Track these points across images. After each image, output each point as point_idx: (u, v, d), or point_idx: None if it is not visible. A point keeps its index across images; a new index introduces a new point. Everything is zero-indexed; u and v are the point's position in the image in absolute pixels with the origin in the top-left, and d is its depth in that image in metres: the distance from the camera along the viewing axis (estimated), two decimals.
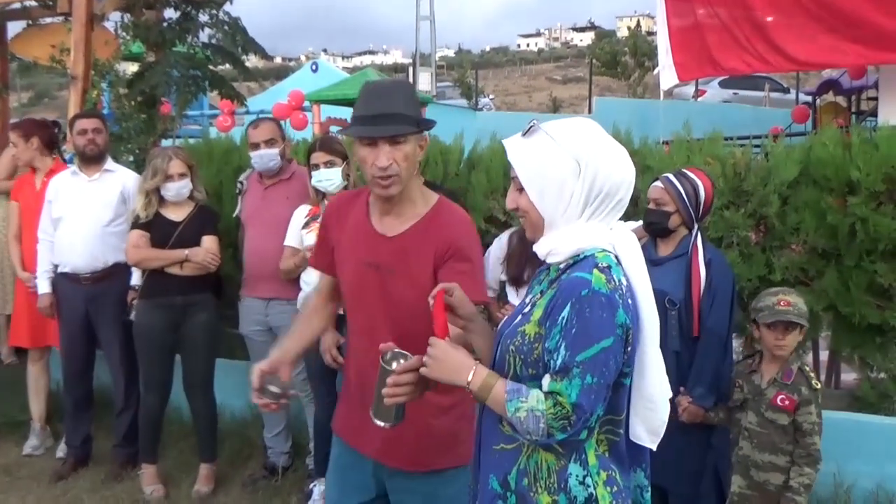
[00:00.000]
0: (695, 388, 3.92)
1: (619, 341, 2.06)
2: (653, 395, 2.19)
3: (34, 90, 61.31)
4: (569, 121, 2.24)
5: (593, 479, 2.14)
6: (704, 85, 22.31)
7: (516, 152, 2.22)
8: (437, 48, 21.22)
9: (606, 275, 2.09)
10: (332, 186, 4.75)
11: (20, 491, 5.36)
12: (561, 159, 2.15)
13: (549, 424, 2.05)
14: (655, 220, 4.09)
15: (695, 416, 3.93)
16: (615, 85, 46.65)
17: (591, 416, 2.05)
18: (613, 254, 2.18)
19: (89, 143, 5.45)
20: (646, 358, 2.18)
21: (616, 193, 2.17)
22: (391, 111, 2.70)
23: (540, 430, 2.06)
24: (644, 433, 2.22)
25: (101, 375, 5.84)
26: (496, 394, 2.13)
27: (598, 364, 2.03)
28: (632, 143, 5.68)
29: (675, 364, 3.93)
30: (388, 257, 2.82)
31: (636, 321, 2.14)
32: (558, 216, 2.18)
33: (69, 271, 5.44)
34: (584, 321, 2.04)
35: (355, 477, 3.00)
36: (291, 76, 28.57)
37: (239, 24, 7.62)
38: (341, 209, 3.00)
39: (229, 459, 5.59)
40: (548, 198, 2.17)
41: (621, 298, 2.08)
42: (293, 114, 16.07)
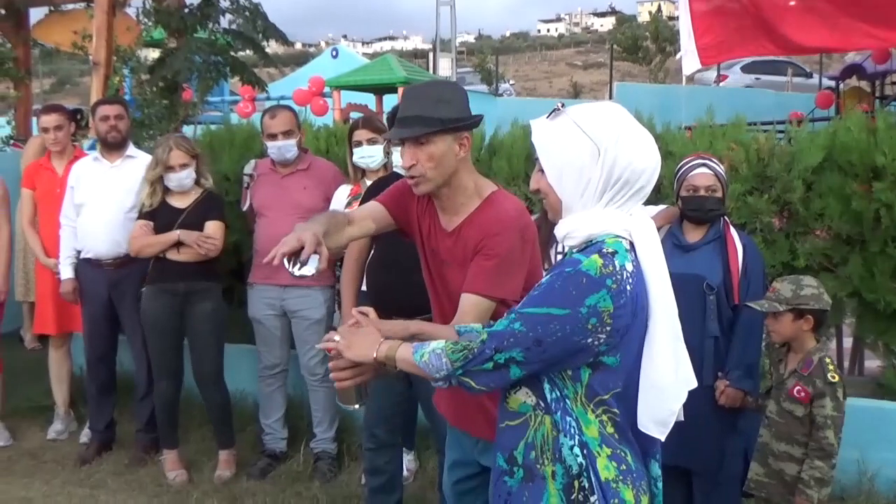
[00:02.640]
0: (733, 372, 3.91)
1: (576, 316, 2.06)
2: (661, 382, 2.18)
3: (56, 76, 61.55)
4: (595, 105, 2.24)
5: (592, 449, 2.14)
6: (726, 70, 22.14)
7: (540, 134, 2.23)
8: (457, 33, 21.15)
9: (605, 260, 2.09)
10: (374, 163, 4.81)
11: (45, 475, 5.40)
12: (581, 143, 2.15)
13: (449, 357, 2.16)
14: (714, 207, 4.01)
15: (733, 400, 3.91)
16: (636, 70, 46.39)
17: (498, 352, 2.11)
18: (628, 240, 2.18)
19: (111, 129, 5.47)
20: (655, 344, 2.17)
21: (637, 181, 2.17)
22: (413, 113, 2.77)
23: (443, 364, 2.17)
24: (651, 423, 2.21)
25: (123, 361, 5.88)
26: (402, 352, 2.28)
27: (535, 321, 2.08)
28: (654, 128, 5.64)
29: (715, 349, 3.93)
30: (445, 249, 2.90)
31: (639, 308, 2.13)
32: (576, 200, 2.19)
33: (92, 257, 5.47)
34: (549, 289, 2.11)
35: (460, 453, 3.11)
36: (311, 62, 28.61)
37: (259, 10, 7.64)
38: None
39: (250, 444, 5.61)
40: (566, 181, 2.18)
41: (615, 284, 2.07)
42: (313, 100, 16.09)
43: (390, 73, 16.12)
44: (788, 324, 3.68)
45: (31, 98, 9.40)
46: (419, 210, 3.02)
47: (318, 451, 5.37)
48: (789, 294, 3.65)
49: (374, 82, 16.30)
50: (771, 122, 6.78)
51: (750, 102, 13.39)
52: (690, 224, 4.10)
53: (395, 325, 2.52)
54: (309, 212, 5.01)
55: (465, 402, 2.96)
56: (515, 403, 2.25)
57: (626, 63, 45.51)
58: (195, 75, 7.49)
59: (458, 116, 2.78)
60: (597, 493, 2.13)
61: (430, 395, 3.96)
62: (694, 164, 4.08)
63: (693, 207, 4.06)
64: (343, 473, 5.29)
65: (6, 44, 8.89)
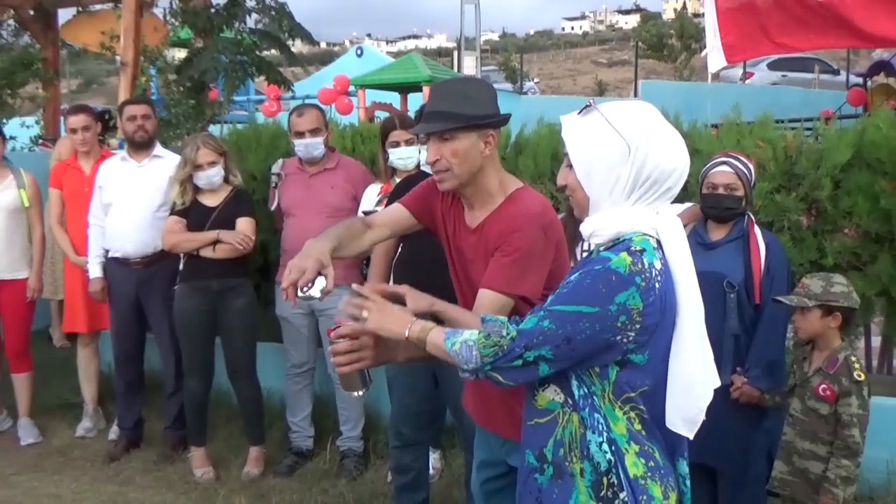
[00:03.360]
0: (752, 370, 3.89)
1: (605, 314, 2.06)
2: (690, 380, 2.17)
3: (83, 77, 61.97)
4: (626, 103, 2.24)
5: (621, 446, 2.14)
6: (752, 67, 21.99)
7: (570, 130, 2.22)
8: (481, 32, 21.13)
9: (634, 258, 2.09)
10: (412, 163, 4.81)
11: (74, 472, 5.45)
12: (612, 141, 2.14)
13: (480, 351, 2.15)
14: (732, 205, 3.98)
15: (749, 398, 3.89)
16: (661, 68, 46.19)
17: (528, 350, 2.10)
18: (655, 238, 2.18)
19: (138, 129, 5.51)
20: (683, 342, 2.17)
21: (665, 181, 2.16)
22: (439, 109, 2.77)
23: (473, 356, 2.16)
24: (679, 421, 2.20)
25: (151, 358, 5.92)
26: (434, 336, 2.27)
27: (565, 319, 2.08)
28: (680, 126, 5.62)
29: (735, 348, 3.91)
30: (469, 247, 2.90)
31: (667, 306, 2.13)
32: (604, 197, 2.18)
33: (120, 256, 5.51)
34: (579, 286, 2.10)
35: (488, 452, 3.11)
36: (336, 61, 28.64)
37: (285, 10, 7.66)
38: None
39: (278, 442, 5.64)
40: (595, 178, 2.18)
41: (644, 282, 2.07)
42: (338, 99, 16.11)
43: (415, 71, 16.13)
44: (816, 320, 3.66)
45: (59, 98, 9.48)
46: (444, 208, 3.02)
47: (344, 449, 5.39)
48: (819, 290, 3.63)
49: (399, 81, 16.31)
50: (798, 120, 6.72)
51: (776, 100, 13.31)
52: (714, 222, 4.09)
53: (422, 297, 2.56)
54: (337, 211, 5.04)
55: (492, 402, 2.97)
56: (543, 401, 2.25)
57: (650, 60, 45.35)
58: (222, 75, 7.53)
59: (484, 114, 2.77)
60: (626, 490, 2.13)
61: (457, 393, 3.97)
62: (716, 162, 4.07)
63: (710, 205, 4.05)
64: (369, 471, 5.30)
65: (35, 45, 8.97)
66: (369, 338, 2.47)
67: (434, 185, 2.97)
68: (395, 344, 2.50)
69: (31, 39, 9.00)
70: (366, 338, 2.47)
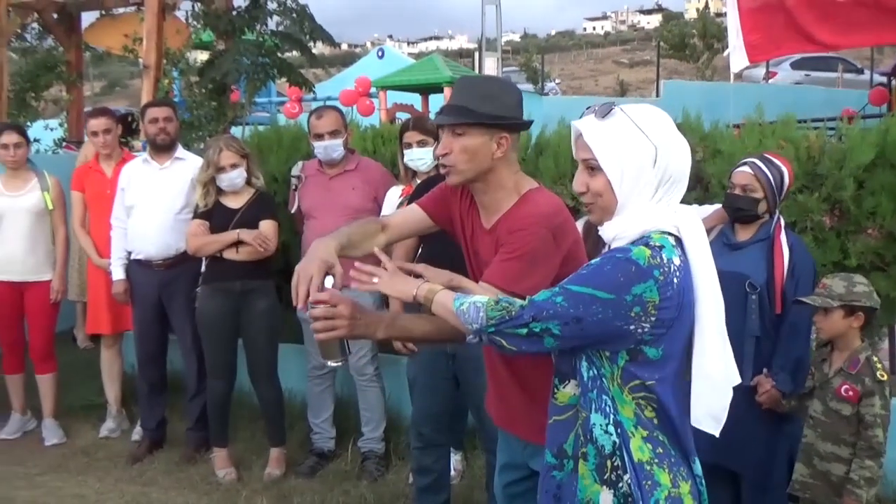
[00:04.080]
0: (779, 374, 3.86)
1: (619, 302, 2.07)
2: (714, 377, 2.19)
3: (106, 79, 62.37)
4: (643, 106, 2.24)
5: (626, 429, 2.15)
6: (775, 67, 21.87)
7: (595, 134, 2.21)
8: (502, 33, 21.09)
9: (653, 251, 2.11)
10: (424, 165, 4.80)
11: (98, 472, 5.49)
12: (642, 144, 2.16)
13: (487, 313, 2.18)
14: (745, 206, 3.99)
15: (774, 401, 3.87)
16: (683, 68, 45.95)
17: (535, 321, 2.12)
18: (675, 235, 2.19)
19: (160, 131, 5.54)
20: (704, 339, 2.18)
21: (681, 180, 2.21)
22: (457, 103, 2.77)
23: (479, 317, 2.19)
24: (705, 418, 2.22)
25: (174, 360, 5.95)
26: (442, 297, 2.33)
27: (578, 299, 2.09)
28: (702, 126, 5.59)
29: (755, 349, 3.89)
30: (484, 248, 2.89)
31: (686, 302, 2.14)
32: (631, 200, 2.19)
33: (142, 258, 5.54)
34: (597, 270, 2.12)
35: (510, 456, 3.10)
36: (358, 62, 28.72)
37: (307, 12, 7.69)
38: (465, 191, 3.00)
39: (300, 443, 5.65)
40: (626, 181, 2.18)
41: (662, 276, 2.08)
42: (360, 100, 16.16)
43: (436, 72, 16.15)
44: (839, 321, 3.63)
45: (82, 101, 9.54)
46: (462, 210, 3.02)
47: (365, 451, 5.40)
48: (842, 290, 3.61)
49: (420, 82, 16.34)
50: (821, 119, 6.68)
51: (799, 99, 13.25)
52: (740, 224, 4.08)
53: (441, 273, 2.64)
54: (357, 212, 5.04)
55: (514, 406, 2.97)
56: (564, 398, 2.28)
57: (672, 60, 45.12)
58: (243, 77, 7.56)
59: (500, 115, 2.75)
60: (629, 473, 2.14)
61: (479, 394, 3.97)
62: (740, 162, 4.10)
63: (727, 204, 4.09)
64: (390, 473, 5.31)
65: (59, 48, 9.04)
66: (346, 307, 2.44)
67: (452, 188, 2.97)
68: (375, 320, 2.52)
69: (55, 42, 9.07)
70: (342, 307, 2.44)
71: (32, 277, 5.92)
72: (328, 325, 2.45)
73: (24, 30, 8.90)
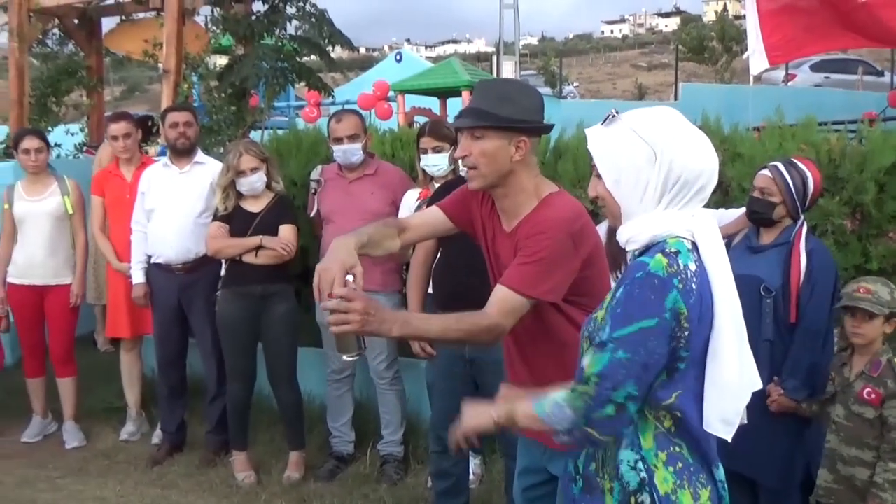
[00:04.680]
0: (787, 381, 3.84)
1: (664, 324, 2.05)
2: (727, 382, 2.16)
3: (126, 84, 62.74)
4: (649, 109, 2.24)
5: (650, 462, 2.14)
6: (795, 69, 21.77)
7: (595, 141, 2.23)
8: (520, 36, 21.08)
9: (670, 259, 2.09)
10: (439, 170, 4.80)
11: (118, 475, 5.51)
12: (636, 147, 2.15)
13: (572, 406, 2.12)
14: (759, 209, 3.99)
15: (784, 408, 3.85)
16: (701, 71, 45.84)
17: (615, 390, 2.06)
18: (690, 240, 2.17)
19: (180, 136, 5.56)
20: (720, 344, 2.15)
21: (696, 182, 2.16)
22: (476, 106, 2.78)
23: (567, 416, 2.13)
24: (718, 423, 2.19)
25: (194, 363, 5.97)
26: (523, 409, 2.26)
27: (633, 342, 2.05)
28: (721, 129, 5.57)
29: (769, 353, 3.86)
30: (504, 251, 2.89)
31: (704, 307, 2.12)
32: (635, 204, 2.19)
33: (162, 262, 5.57)
34: (630, 300, 2.08)
35: (530, 460, 3.10)
36: (376, 66, 28.74)
37: (325, 16, 7.71)
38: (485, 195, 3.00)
39: (319, 446, 5.66)
40: (624, 186, 2.18)
41: (681, 283, 2.07)
42: (378, 104, 16.16)
43: (454, 76, 16.16)
44: (879, 326, 3.61)
45: (103, 105, 9.57)
46: (483, 214, 3.01)
47: (384, 454, 5.40)
48: (888, 297, 3.59)
49: (439, 86, 16.35)
50: (842, 122, 6.63)
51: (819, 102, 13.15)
52: (764, 227, 4.06)
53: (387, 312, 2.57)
54: (377, 216, 5.03)
55: None
56: None
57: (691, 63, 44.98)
58: (262, 81, 7.58)
59: (518, 118, 2.75)
60: None
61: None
62: (762, 165, 4.09)
63: (749, 208, 4.08)
64: (409, 476, 5.31)
65: (79, 53, 9.09)
66: (360, 303, 2.46)
67: (472, 191, 2.97)
68: (390, 318, 2.54)
69: (76, 48, 9.11)
70: (357, 303, 2.45)
71: (53, 281, 5.95)
72: (340, 318, 2.46)
73: (45, 35, 8.95)
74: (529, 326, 2.78)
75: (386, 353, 5.28)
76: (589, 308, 2.40)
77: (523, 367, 2.96)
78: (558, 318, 2.79)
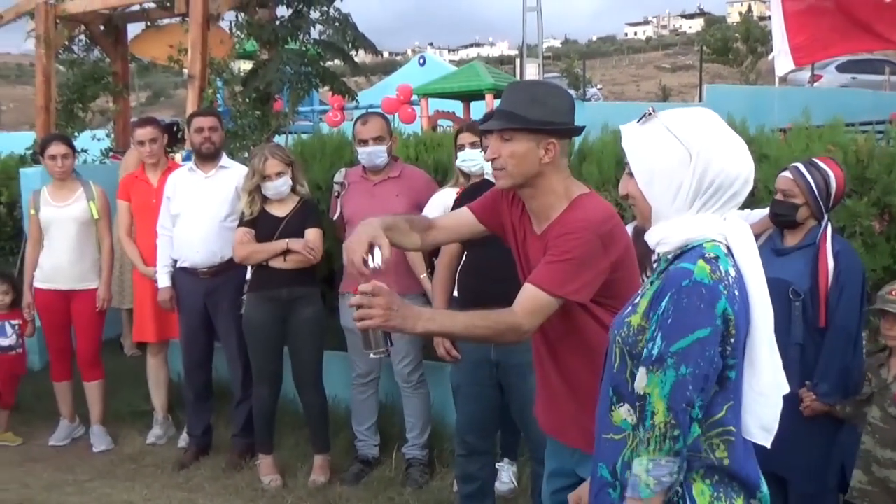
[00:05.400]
0: (820, 385, 3.80)
1: (717, 332, 2.02)
2: (764, 388, 2.14)
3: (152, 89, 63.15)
4: (686, 110, 2.21)
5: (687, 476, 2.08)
6: (821, 70, 21.61)
7: (630, 138, 2.21)
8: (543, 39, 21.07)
9: (712, 265, 2.06)
10: (476, 167, 4.78)
11: (146, 478, 5.54)
12: (672, 148, 2.13)
13: (664, 454, 2.02)
14: (782, 211, 3.95)
15: (818, 412, 3.82)
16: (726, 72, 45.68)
17: (690, 407, 2.02)
18: (724, 244, 2.14)
19: (205, 140, 5.58)
20: (756, 350, 2.13)
21: (730, 187, 2.13)
22: (505, 108, 2.78)
23: (665, 468, 2.03)
24: (757, 429, 2.17)
25: (219, 367, 5.99)
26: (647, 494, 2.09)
27: (692, 355, 2.00)
28: (747, 131, 5.54)
29: (800, 357, 3.83)
30: (534, 253, 2.88)
31: (744, 313, 2.10)
32: (667, 206, 2.16)
33: (188, 266, 5.59)
34: (680, 311, 2.03)
35: (558, 463, 3.08)
36: (399, 70, 28.83)
37: (349, 21, 7.72)
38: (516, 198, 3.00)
39: (344, 450, 5.66)
40: (657, 187, 2.16)
41: (725, 289, 2.04)
42: (401, 108, 16.20)
43: (478, 80, 16.17)
44: None
45: (129, 111, 9.62)
46: (514, 217, 3.01)
47: (410, 458, 5.39)
48: None
49: (462, 89, 16.37)
50: (870, 123, 6.59)
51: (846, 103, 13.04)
52: (788, 229, 4.03)
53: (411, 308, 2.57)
54: None
55: (560, 412, 2.95)
56: (618, 418, 2.21)
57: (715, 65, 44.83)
58: (286, 86, 7.61)
59: (548, 120, 2.74)
60: None
61: (523, 401, 3.96)
62: (783, 167, 4.06)
63: (771, 211, 4.05)
64: (435, 480, 5.29)
65: (105, 59, 9.15)
66: (383, 298, 2.46)
67: (503, 193, 2.98)
68: (414, 314, 2.54)
69: (102, 54, 9.16)
70: (380, 298, 2.46)
71: (79, 286, 6.00)
72: (363, 313, 2.46)
73: (71, 42, 9.01)
74: (558, 326, 2.77)
75: (411, 356, 5.28)
76: (617, 310, 2.38)
77: (552, 366, 2.95)
78: (586, 319, 2.78)
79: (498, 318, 2.65)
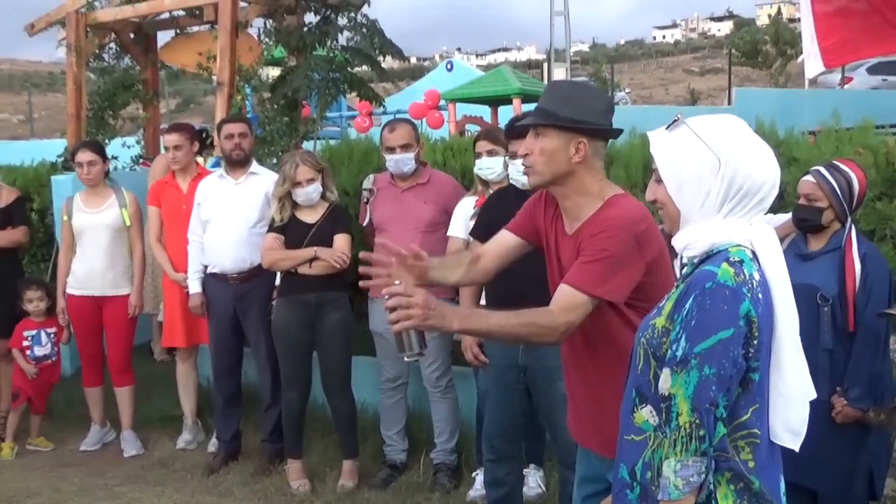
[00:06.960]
0: (851, 390, 3.76)
1: (740, 333, 2.03)
2: (790, 391, 2.14)
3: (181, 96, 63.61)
4: (714, 116, 2.23)
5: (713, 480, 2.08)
6: (851, 72, 21.33)
7: (658, 145, 2.23)
8: (571, 43, 21.03)
9: (736, 268, 2.07)
10: (493, 175, 4.80)
11: (175, 483, 5.57)
12: (701, 155, 2.15)
13: (690, 455, 2.03)
14: (808, 216, 3.92)
15: (851, 418, 3.78)
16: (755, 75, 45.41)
17: (714, 406, 2.03)
18: (750, 249, 2.15)
19: (236, 147, 5.62)
20: (782, 354, 2.14)
21: (757, 193, 2.15)
22: (541, 106, 2.82)
23: (692, 468, 2.04)
24: (785, 433, 2.17)
25: (249, 372, 6.02)
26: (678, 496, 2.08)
27: (716, 355, 2.02)
28: (776, 134, 5.51)
29: (829, 362, 3.79)
30: (566, 254, 2.88)
31: (768, 316, 2.10)
32: (695, 211, 2.18)
33: (218, 272, 5.63)
34: (704, 312, 2.05)
35: (588, 468, 3.07)
36: (427, 76, 28.85)
37: (377, 27, 7.73)
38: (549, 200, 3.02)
39: (373, 455, 5.66)
40: (686, 192, 2.18)
41: (749, 292, 2.05)
42: (429, 113, 16.23)
43: (505, 84, 16.17)
44: None
45: (158, 118, 9.69)
46: (547, 219, 3.01)
47: (438, 463, 5.39)
48: None
49: (489, 94, 16.38)
50: None
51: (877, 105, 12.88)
52: (811, 234, 3.99)
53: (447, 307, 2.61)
54: (429, 226, 5.07)
55: (584, 418, 2.95)
56: (640, 420, 2.22)
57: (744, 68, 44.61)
58: (314, 92, 7.63)
59: (579, 119, 2.75)
60: None
61: (551, 406, 3.95)
62: (806, 171, 4.02)
63: (796, 216, 4.01)
64: (463, 485, 5.29)
65: (135, 67, 9.22)
66: (420, 297, 2.48)
67: (536, 200, 3.00)
68: (450, 312, 2.57)
69: (132, 62, 9.23)
70: (416, 298, 2.47)
71: (111, 292, 6.05)
72: (402, 314, 2.47)
73: (102, 50, 9.07)
74: (586, 327, 2.75)
75: (439, 361, 5.29)
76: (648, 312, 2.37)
77: (581, 372, 2.94)
78: (617, 321, 2.77)
79: (534, 317, 2.66)
